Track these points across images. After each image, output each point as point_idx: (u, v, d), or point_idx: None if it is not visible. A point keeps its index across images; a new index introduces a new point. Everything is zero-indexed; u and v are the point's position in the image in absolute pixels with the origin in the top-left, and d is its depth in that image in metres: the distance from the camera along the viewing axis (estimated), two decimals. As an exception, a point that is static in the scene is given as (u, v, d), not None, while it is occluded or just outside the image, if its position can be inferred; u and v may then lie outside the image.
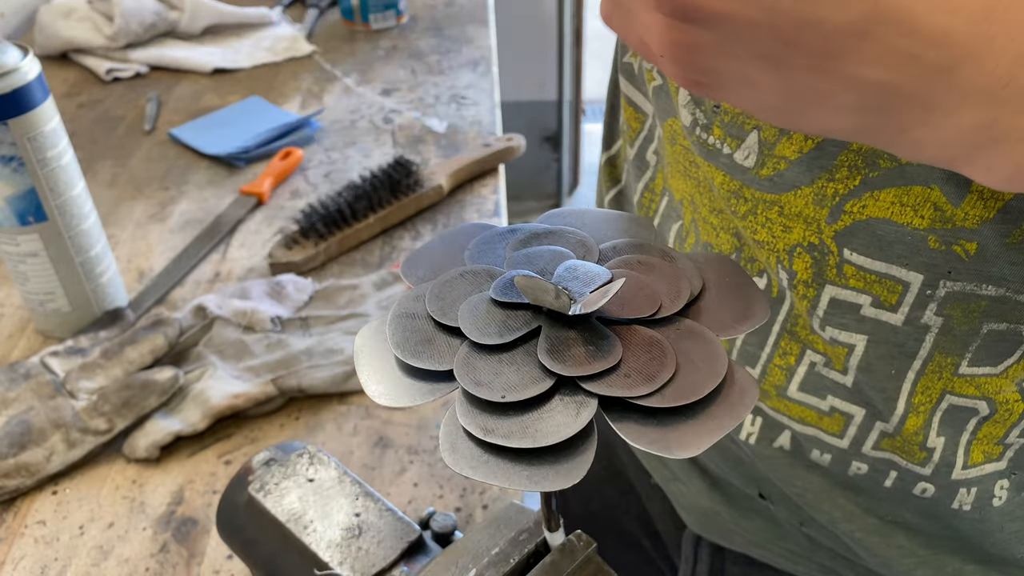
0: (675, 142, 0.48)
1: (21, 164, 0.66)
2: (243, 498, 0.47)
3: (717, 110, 0.43)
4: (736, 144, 0.43)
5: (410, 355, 0.29)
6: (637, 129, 0.55)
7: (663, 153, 0.50)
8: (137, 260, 0.85)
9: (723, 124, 0.43)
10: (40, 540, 0.59)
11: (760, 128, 0.41)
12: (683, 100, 0.45)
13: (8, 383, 0.67)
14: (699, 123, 0.44)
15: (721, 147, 0.44)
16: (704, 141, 0.44)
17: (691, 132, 0.45)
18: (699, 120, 0.44)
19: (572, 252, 0.33)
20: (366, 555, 0.43)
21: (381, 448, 0.64)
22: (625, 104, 0.55)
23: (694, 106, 0.44)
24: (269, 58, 1.24)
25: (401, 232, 0.88)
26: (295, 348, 0.70)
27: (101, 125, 1.10)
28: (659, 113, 0.50)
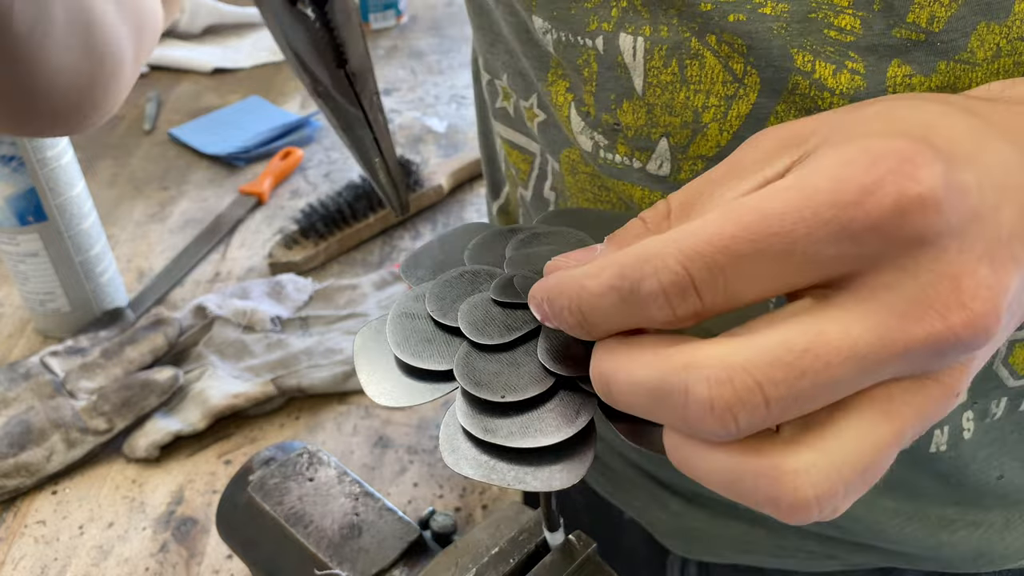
0: (576, 171, 0.47)
1: (21, 164, 0.66)
2: (243, 498, 0.47)
3: (618, 127, 0.41)
4: (646, 156, 0.41)
5: (410, 355, 0.29)
6: (527, 170, 0.53)
7: (563, 187, 0.49)
8: (137, 260, 0.85)
9: (626, 140, 0.42)
10: (40, 540, 0.59)
11: (669, 134, 0.40)
12: (577, 127, 0.44)
13: (8, 383, 0.67)
14: (600, 145, 0.43)
15: (631, 163, 0.42)
16: (611, 162, 0.43)
17: (594, 157, 0.44)
18: (599, 143, 0.43)
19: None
20: (366, 555, 0.43)
21: (381, 448, 0.65)
22: (508, 149, 0.53)
23: (591, 130, 0.43)
24: (269, 58, 1.24)
25: (401, 232, 0.88)
26: (295, 348, 0.70)
27: (101, 125, 1.10)
28: (549, 148, 0.48)
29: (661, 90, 0.38)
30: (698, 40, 0.36)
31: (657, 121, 0.39)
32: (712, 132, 0.38)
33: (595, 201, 0.47)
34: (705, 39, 0.36)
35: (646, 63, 0.38)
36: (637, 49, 0.38)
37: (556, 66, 0.43)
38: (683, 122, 0.38)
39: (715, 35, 0.36)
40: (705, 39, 0.36)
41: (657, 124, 0.39)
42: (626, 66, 0.39)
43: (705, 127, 0.38)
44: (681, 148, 0.40)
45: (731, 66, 0.36)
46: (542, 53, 0.44)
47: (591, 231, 0.35)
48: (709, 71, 0.37)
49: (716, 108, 0.37)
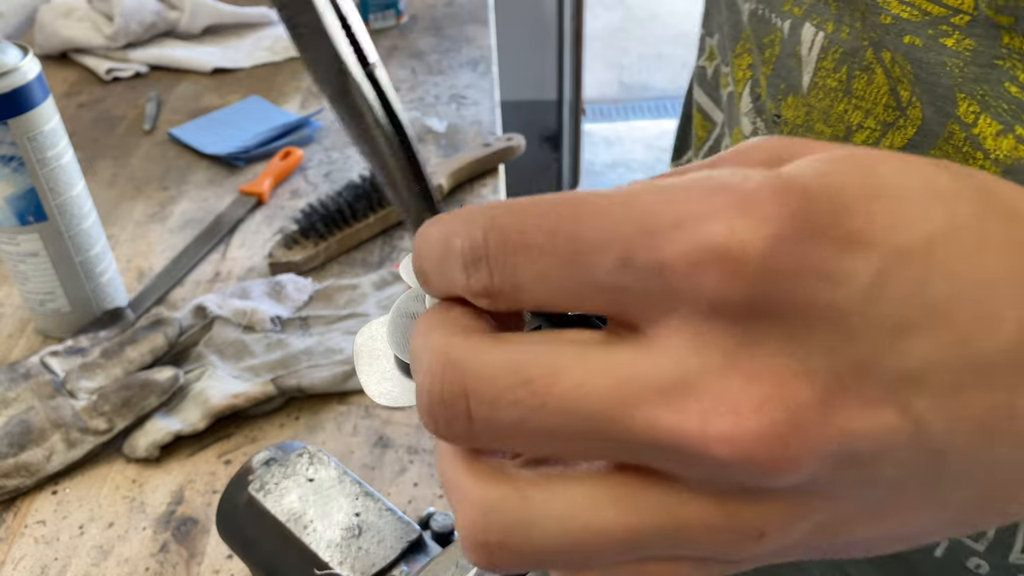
0: None
1: (21, 164, 0.66)
2: (243, 498, 0.47)
3: (778, 119, 0.39)
4: None
5: (410, 355, 0.29)
6: (703, 138, 0.51)
7: None
8: (137, 260, 0.85)
9: (781, 136, 0.40)
10: (40, 540, 0.59)
11: None
12: (745, 108, 0.42)
13: (8, 383, 0.67)
14: (759, 133, 0.41)
15: None
16: None
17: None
18: (759, 130, 0.41)
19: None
20: (366, 555, 0.43)
21: (381, 448, 0.64)
22: (696, 111, 0.51)
23: (755, 114, 0.41)
24: (269, 58, 1.24)
25: (401, 232, 0.88)
26: (295, 348, 0.70)
27: (101, 125, 1.10)
28: (729, 122, 0.46)
29: (824, 94, 0.36)
30: (874, 53, 0.34)
31: (812, 126, 0.37)
32: None
33: None
34: (880, 54, 0.33)
35: (818, 61, 0.36)
36: (815, 44, 0.36)
37: (745, 38, 0.42)
38: (833, 135, 0.36)
39: (891, 52, 0.33)
40: (880, 54, 0.33)
41: (811, 129, 0.37)
42: (800, 58, 0.37)
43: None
44: None
45: (898, 91, 0.33)
46: (737, 21, 0.42)
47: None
48: (875, 89, 0.34)
49: (870, 132, 0.35)
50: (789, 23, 0.37)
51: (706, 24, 0.50)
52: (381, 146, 0.22)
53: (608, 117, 3.12)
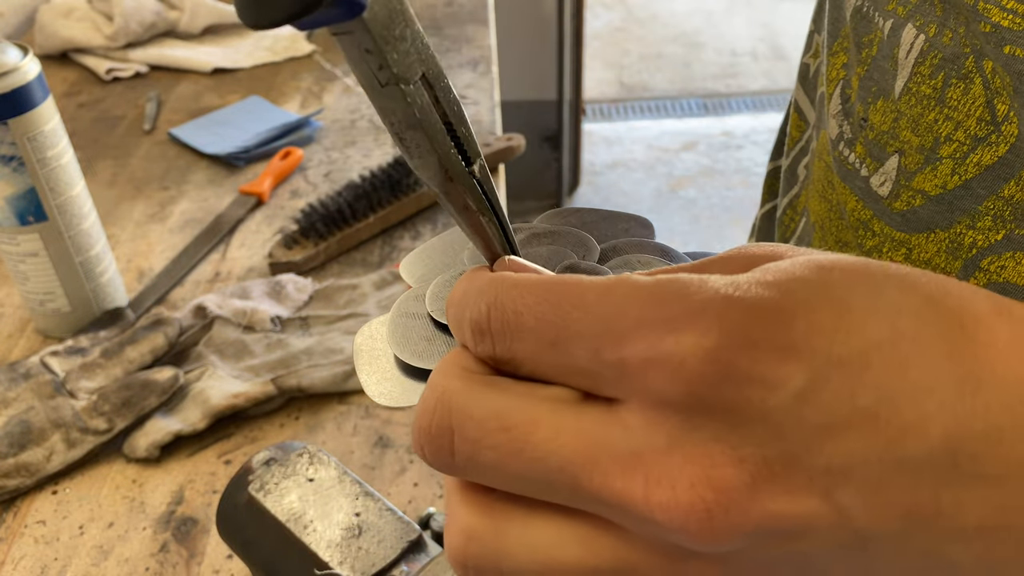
0: (821, 157, 0.44)
1: (21, 164, 0.66)
2: (243, 498, 0.47)
3: (864, 123, 0.38)
4: (874, 167, 0.38)
5: (410, 355, 0.29)
6: (796, 138, 0.51)
7: (811, 168, 0.46)
8: (137, 260, 0.85)
9: (866, 141, 0.38)
10: (40, 540, 0.59)
11: (903, 152, 0.36)
12: (834, 109, 0.41)
13: (8, 383, 0.67)
14: (844, 137, 0.40)
15: (859, 167, 0.39)
16: (844, 158, 0.40)
17: (835, 146, 0.41)
18: (844, 133, 0.40)
19: (572, 252, 0.33)
20: (366, 555, 0.43)
21: (381, 448, 0.65)
22: (793, 110, 0.51)
23: (843, 117, 0.40)
24: (269, 58, 1.24)
25: (401, 232, 0.88)
26: (295, 348, 0.70)
27: (101, 125, 1.10)
28: (818, 123, 0.45)
29: (915, 101, 0.35)
30: (975, 61, 0.33)
31: (898, 133, 0.37)
32: (943, 170, 0.35)
33: (823, 194, 0.44)
34: (982, 63, 0.33)
35: (915, 65, 0.35)
36: (914, 47, 0.35)
37: (844, 36, 0.41)
38: (920, 145, 0.36)
39: (993, 62, 0.32)
40: (982, 63, 0.33)
41: (897, 137, 0.37)
42: (897, 61, 0.36)
43: (939, 160, 0.35)
44: (907, 173, 0.37)
45: (995, 104, 0.33)
46: (839, 17, 0.42)
47: (591, 231, 0.35)
48: (970, 101, 0.33)
49: (958, 145, 0.34)
50: (891, 23, 0.36)
51: (816, 19, 0.48)
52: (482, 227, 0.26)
53: (608, 117, 3.13)
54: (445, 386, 0.21)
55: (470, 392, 0.21)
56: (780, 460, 0.18)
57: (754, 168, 2.79)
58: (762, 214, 0.59)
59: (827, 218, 0.44)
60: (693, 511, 0.18)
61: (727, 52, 3.52)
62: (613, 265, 0.33)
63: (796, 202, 0.51)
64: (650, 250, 0.33)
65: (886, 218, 0.38)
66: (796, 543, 0.19)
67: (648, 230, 0.36)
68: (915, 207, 0.37)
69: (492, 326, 0.21)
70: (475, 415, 0.20)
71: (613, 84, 3.33)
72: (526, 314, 0.21)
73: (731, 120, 3.07)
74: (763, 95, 3.22)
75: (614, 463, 0.19)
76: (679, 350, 0.18)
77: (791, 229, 0.51)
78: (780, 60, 3.44)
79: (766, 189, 0.59)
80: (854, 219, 0.40)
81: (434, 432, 0.21)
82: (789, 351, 0.18)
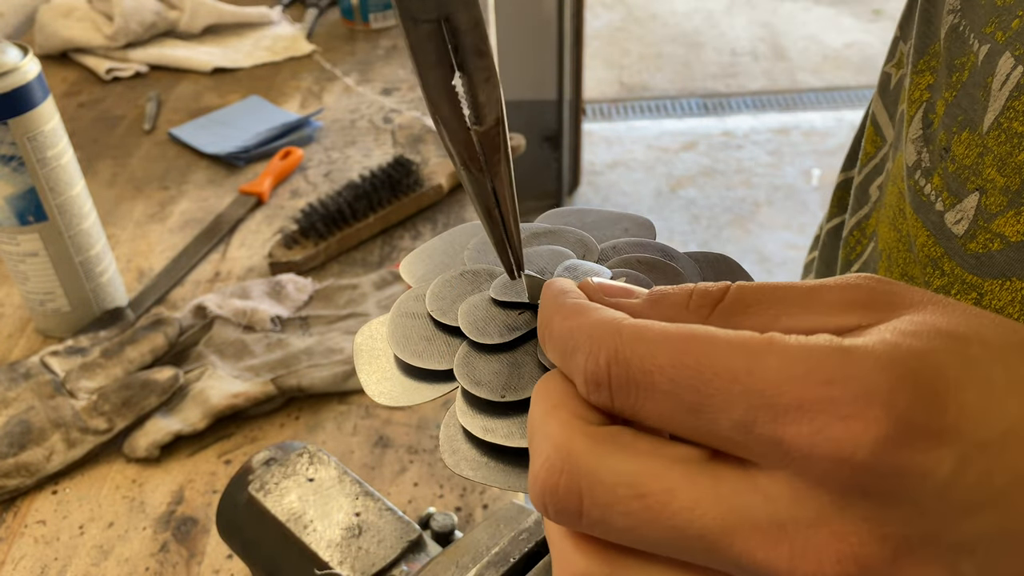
0: (895, 182, 0.42)
1: (21, 164, 0.66)
2: (243, 498, 0.47)
3: (946, 154, 0.36)
4: (952, 202, 0.36)
5: (410, 354, 0.29)
6: (871, 154, 0.48)
7: (885, 191, 0.44)
8: (137, 260, 0.85)
9: (945, 174, 0.36)
10: (40, 540, 0.59)
11: (984, 191, 0.34)
12: (914, 133, 0.39)
13: (8, 383, 0.67)
14: (922, 165, 0.38)
15: (935, 201, 0.37)
16: (920, 188, 0.38)
17: (911, 174, 0.39)
18: (923, 161, 0.38)
19: (572, 251, 0.33)
20: (366, 555, 0.43)
21: (381, 448, 0.64)
22: (869, 123, 0.48)
23: (922, 143, 0.38)
24: (269, 57, 1.24)
25: (401, 231, 0.88)
26: (295, 347, 0.70)
27: (101, 125, 1.10)
28: (896, 143, 0.43)
29: (1006, 137, 0.33)
30: None
31: (982, 170, 0.35)
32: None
33: (893, 222, 0.41)
34: None
35: (1009, 98, 0.33)
36: (1011, 78, 0.33)
37: (932, 55, 0.39)
38: (1005, 186, 0.34)
39: None
40: None
41: (980, 173, 0.35)
42: (989, 91, 0.34)
43: (1023, 205, 0.33)
44: (987, 215, 0.35)
45: None
46: (929, 32, 0.39)
47: (592, 230, 0.35)
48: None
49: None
50: (987, 48, 0.34)
51: (904, 27, 0.45)
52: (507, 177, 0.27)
53: (608, 117, 3.13)
54: (570, 445, 0.21)
55: (598, 454, 0.20)
56: (920, 538, 0.19)
57: (754, 168, 2.79)
58: (829, 228, 0.57)
59: (896, 248, 0.42)
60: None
61: (727, 52, 3.52)
62: (613, 264, 0.32)
63: (865, 224, 0.49)
64: (650, 250, 0.33)
65: (958, 258, 0.37)
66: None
67: (648, 230, 0.36)
68: (992, 251, 0.35)
69: (614, 382, 0.21)
70: (606, 480, 0.20)
71: (613, 84, 3.33)
72: (658, 375, 0.20)
73: (731, 120, 3.07)
74: (763, 95, 3.22)
75: (757, 533, 0.19)
76: (850, 439, 0.18)
77: (857, 252, 0.49)
78: (780, 60, 3.44)
79: (835, 201, 0.56)
80: (923, 254, 0.39)
81: (561, 494, 0.21)
82: (942, 436, 0.19)
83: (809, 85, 3.26)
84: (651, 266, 0.32)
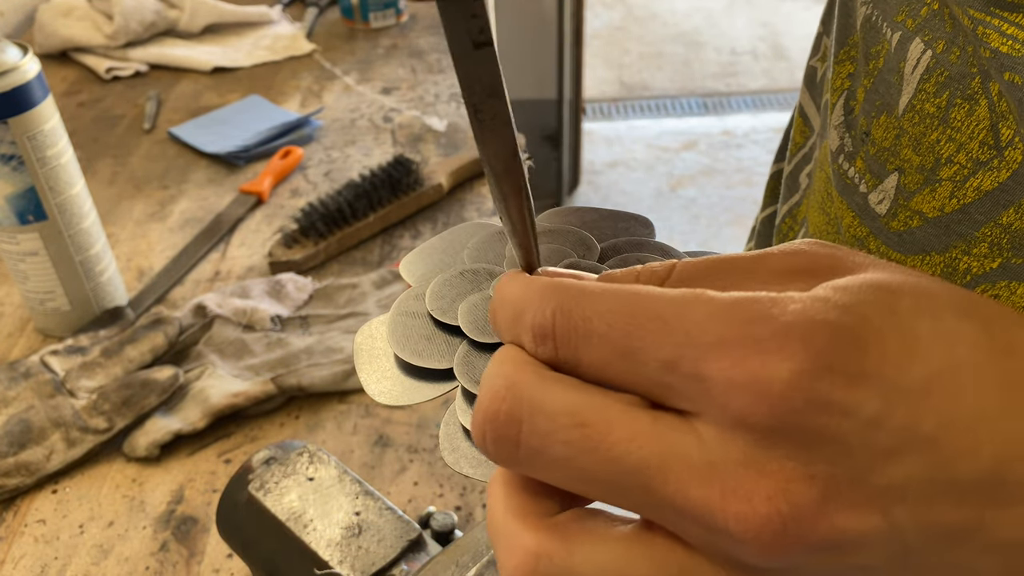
0: (822, 168, 0.43)
1: (21, 163, 0.66)
2: (243, 497, 0.47)
3: (866, 138, 0.37)
4: (874, 183, 0.37)
5: (410, 354, 0.29)
6: (799, 144, 0.50)
7: (814, 178, 0.45)
8: (137, 259, 0.85)
9: (866, 156, 0.38)
10: (40, 539, 0.59)
11: (902, 171, 0.35)
12: (836, 119, 0.40)
13: (8, 382, 0.67)
14: (845, 149, 0.39)
15: (858, 183, 0.38)
16: (844, 172, 0.39)
17: (835, 158, 0.40)
18: (845, 146, 0.39)
19: (572, 251, 0.33)
20: (366, 554, 0.43)
21: (381, 447, 0.64)
22: (797, 115, 0.50)
23: (844, 129, 0.39)
24: (269, 57, 1.24)
25: (401, 231, 0.88)
26: (295, 347, 0.70)
27: (101, 124, 1.10)
28: (821, 131, 0.45)
29: (919, 119, 0.35)
30: (981, 82, 0.32)
31: (899, 151, 0.36)
32: (941, 192, 0.34)
33: (822, 206, 0.43)
34: (988, 85, 0.32)
35: (920, 82, 0.34)
36: (920, 63, 0.34)
37: (852, 45, 0.40)
38: (921, 165, 0.35)
39: (1000, 85, 0.31)
40: (988, 85, 0.32)
41: (898, 154, 0.36)
42: (903, 76, 0.35)
43: (938, 182, 0.34)
44: (906, 193, 0.36)
45: (1000, 128, 0.32)
46: (847, 24, 0.41)
47: (591, 230, 0.35)
48: (974, 123, 0.33)
49: (959, 168, 0.33)
50: (899, 36, 0.36)
51: (826, 21, 0.47)
52: (527, 214, 0.26)
53: (608, 116, 3.13)
54: (515, 376, 0.21)
55: (543, 385, 0.21)
56: (847, 479, 0.19)
57: (754, 167, 2.79)
58: (763, 217, 0.59)
59: (824, 231, 0.43)
60: (769, 523, 0.19)
61: (727, 51, 3.52)
62: (613, 264, 0.32)
63: (796, 211, 0.50)
64: (650, 249, 0.33)
65: (883, 237, 0.38)
66: (850, 556, 0.20)
67: (648, 229, 0.36)
68: (912, 228, 0.36)
69: (557, 331, 0.21)
70: (547, 408, 0.21)
71: (613, 83, 3.33)
72: (596, 321, 0.21)
73: (731, 119, 3.07)
74: (763, 94, 3.22)
75: (690, 472, 0.19)
76: (765, 373, 0.19)
77: (789, 238, 0.50)
78: (780, 59, 3.44)
79: (768, 192, 0.58)
80: (850, 235, 0.40)
81: (502, 420, 0.21)
82: (863, 378, 0.19)
83: (809, 84, 3.26)
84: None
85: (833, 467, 0.19)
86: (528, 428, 0.21)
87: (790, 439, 0.19)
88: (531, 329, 0.22)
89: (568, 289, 0.22)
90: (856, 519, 0.19)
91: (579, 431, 0.20)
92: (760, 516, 0.19)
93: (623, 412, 0.20)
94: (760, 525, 0.19)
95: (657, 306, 0.20)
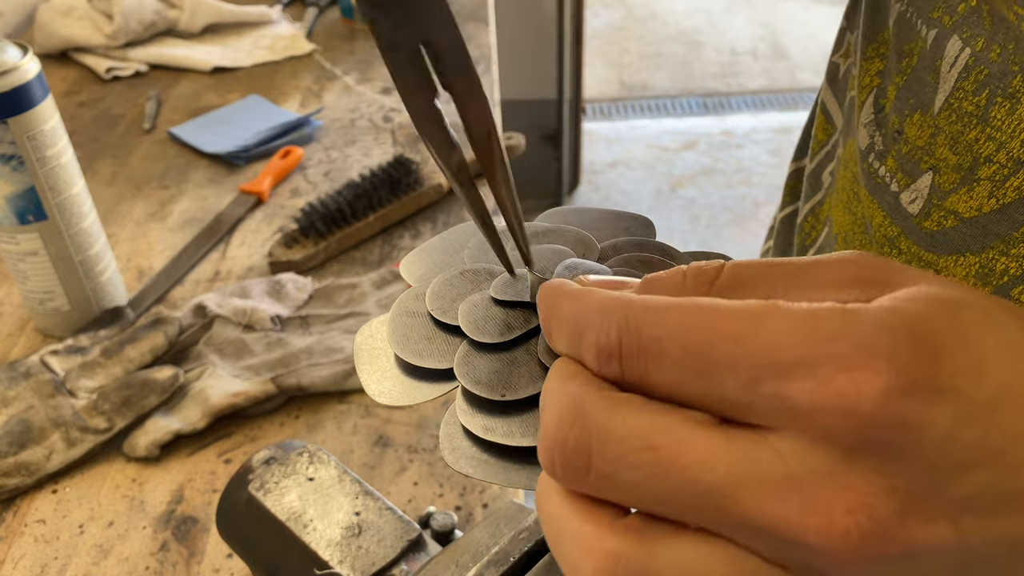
0: (848, 166, 0.43)
1: (21, 163, 0.66)
2: (243, 497, 0.47)
3: (899, 136, 0.37)
4: (906, 182, 0.37)
5: (410, 354, 0.29)
6: (822, 141, 0.49)
7: (837, 176, 0.45)
8: (137, 259, 0.85)
9: (899, 155, 0.37)
10: (40, 539, 0.59)
11: (937, 170, 0.35)
12: (865, 117, 0.40)
13: (8, 382, 0.67)
14: (875, 148, 0.39)
15: (889, 182, 0.38)
16: (874, 171, 0.39)
17: (864, 157, 0.40)
18: (876, 145, 0.39)
19: (572, 250, 0.33)
20: (366, 554, 0.43)
21: (381, 447, 0.64)
22: (820, 111, 0.49)
23: (875, 127, 0.39)
24: (269, 57, 1.24)
25: (401, 231, 0.88)
26: (295, 347, 0.70)
27: (101, 124, 1.10)
28: (846, 130, 0.44)
29: (956, 117, 0.34)
30: (1023, 80, 0.32)
31: (934, 150, 0.35)
32: (980, 192, 0.34)
33: (847, 205, 0.42)
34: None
35: (958, 80, 0.34)
36: (959, 60, 0.34)
37: (882, 41, 0.40)
38: (958, 164, 0.34)
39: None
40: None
41: (932, 153, 0.35)
42: (939, 74, 0.35)
43: (976, 181, 0.34)
44: (940, 193, 0.35)
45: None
46: (876, 19, 0.40)
47: (591, 229, 0.35)
48: (1016, 121, 0.32)
49: (999, 168, 0.33)
50: (935, 33, 0.35)
51: (850, 17, 0.46)
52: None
53: (608, 116, 3.13)
54: (582, 403, 0.21)
55: (611, 409, 0.21)
56: (924, 492, 0.19)
57: (754, 167, 2.79)
58: (782, 216, 0.58)
59: (851, 231, 0.43)
60: (848, 536, 0.19)
61: (727, 51, 3.52)
62: (613, 263, 0.32)
63: (819, 210, 0.50)
64: (650, 249, 0.33)
65: (914, 237, 0.38)
66: (919, 565, 0.20)
67: (648, 229, 0.36)
68: (946, 228, 0.36)
69: (624, 351, 0.21)
70: (617, 434, 0.20)
71: (613, 83, 3.33)
72: (667, 342, 0.20)
73: (731, 119, 3.07)
74: (763, 94, 3.22)
75: (767, 487, 0.19)
76: (853, 390, 0.19)
77: (812, 237, 0.50)
78: (780, 59, 3.44)
79: (787, 191, 0.58)
80: (880, 235, 0.39)
81: (571, 448, 0.21)
82: (940, 392, 0.19)
83: (809, 84, 3.26)
84: (651, 265, 0.32)
85: (912, 480, 0.19)
86: (598, 456, 0.20)
87: (875, 453, 0.19)
88: (595, 348, 0.21)
89: (631, 305, 0.21)
90: (930, 531, 0.19)
91: (650, 455, 0.20)
92: (839, 529, 0.19)
93: (694, 432, 0.20)
94: (840, 538, 0.19)
95: (729, 323, 0.20)
